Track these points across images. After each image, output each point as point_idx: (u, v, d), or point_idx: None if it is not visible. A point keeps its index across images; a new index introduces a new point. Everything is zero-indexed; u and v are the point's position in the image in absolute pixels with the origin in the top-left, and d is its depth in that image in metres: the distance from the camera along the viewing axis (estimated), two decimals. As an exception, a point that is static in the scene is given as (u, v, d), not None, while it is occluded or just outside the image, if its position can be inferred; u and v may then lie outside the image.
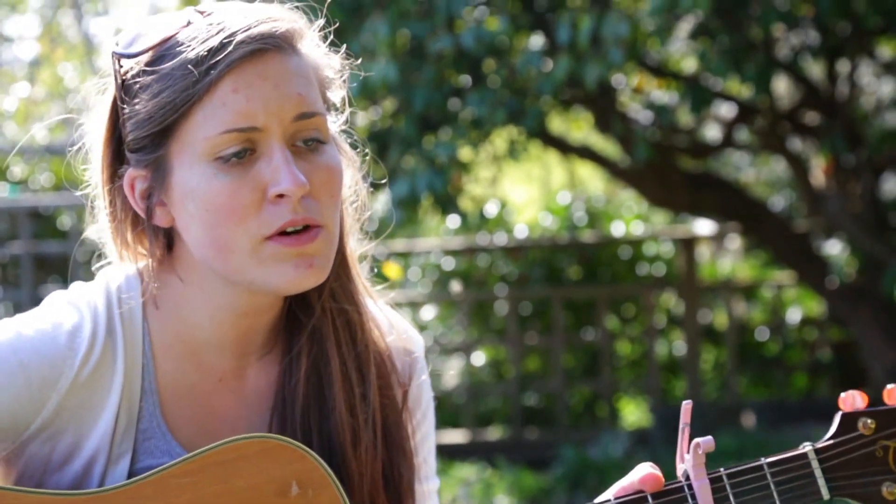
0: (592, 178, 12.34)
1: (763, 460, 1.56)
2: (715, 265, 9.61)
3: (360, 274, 1.64)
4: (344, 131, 1.63)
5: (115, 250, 1.59)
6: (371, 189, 1.69)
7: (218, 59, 1.46)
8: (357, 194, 1.64)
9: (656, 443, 7.57)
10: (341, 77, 1.59)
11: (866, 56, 6.85)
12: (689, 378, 8.14)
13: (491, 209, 8.10)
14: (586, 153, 7.32)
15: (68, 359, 1.50)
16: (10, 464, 1.52)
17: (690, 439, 1.57)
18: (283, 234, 1.47)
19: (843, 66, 6.80)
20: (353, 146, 1.65)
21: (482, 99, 5.67)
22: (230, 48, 1.46)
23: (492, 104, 5.66)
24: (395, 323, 1.67)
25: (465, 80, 5.92)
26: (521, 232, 8.87)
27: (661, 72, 6.83)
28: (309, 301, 1.59)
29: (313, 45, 1.55)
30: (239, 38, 1.46)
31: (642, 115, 6.86)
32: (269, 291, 1.50)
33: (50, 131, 10.83)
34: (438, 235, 9.39)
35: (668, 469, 1.62)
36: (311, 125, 1.49)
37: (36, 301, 8.18)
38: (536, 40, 5.98)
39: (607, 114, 6.49)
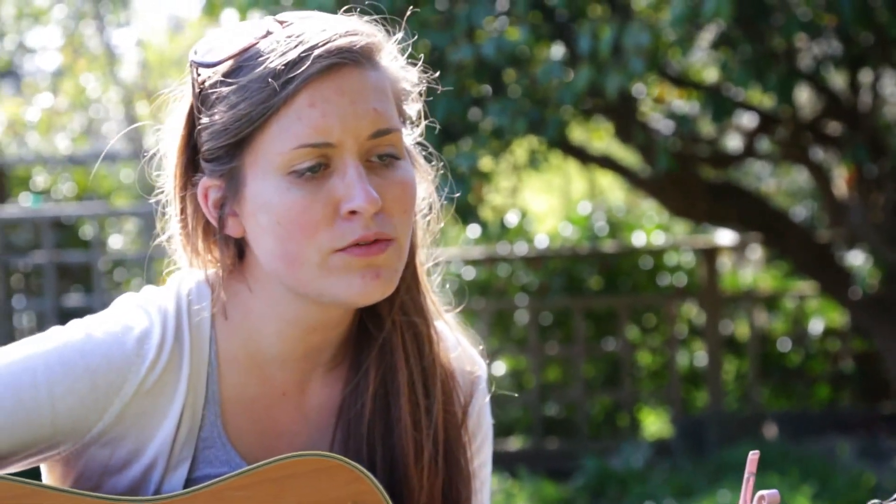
0: (613, 188, 12.32)
1: None
2: (736, 275, 9.58)
3: (430, 289, 1.64)
4: (419, 143, 1.62)
5: (185, 258, 1.59)
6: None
7: (296, 72, 1.45)
8: (430, 207, 1.63)
9: (677, 453, 7.54)
10: (417, 90, 1.59)
11: (889, 66, 6.81)
12: (711, 389, 8.10)
13: (511, 219, 8.09)
14: (607, 163, 7.31)
15: (135, 365, 1.49)
16: (69, 465, 1.52)
17: (755, 490, 1.51)
18: (353, 245, 1.47)
19: (865, 75, 6.77)
20: (428, 159, 1.64)
21: (503, 109, 5.67)
22: (308, 62, 1.45)
23: (512, 114, 5.66)
24: (460, 341, 1.67)
25: (486, 90, 5.92)
26: (541, 242, 8.86)
27: (683, 81, 6.81)
28: (379, 314, 1.58)
29: (391, 58, 1.54)
30: (317, 51, 1.45)
31: (663, 125, 6.85)
32: (336, 303, 1.50)
33: (72, 141, 10.89)
34: (458, 245, 9.40)
35: (688, 479, 1.60)
36: (386, 142, 1.49)
37: (59, 310, 8.25)
38: (557, 50, 5.97)
39: (628, 123, 6.48)
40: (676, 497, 6.39)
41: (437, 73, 1.66)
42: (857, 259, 8.56)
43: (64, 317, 7.65)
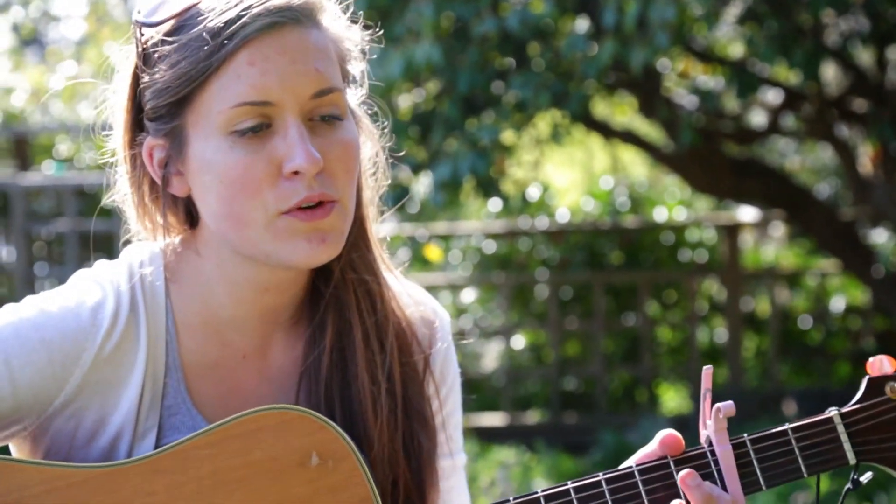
0: (635, 163, 12.28)
1: (787, 426, 1.55)
2: (758, 252, 9.54)
3: (379, 246, 1.64)
4: (365, 101, 1.62)
5: (136, 219, 1.60)
6: (412, 171, 1.69)
7: (234, 30, 1.45)
8: (376, 166, 1.63)
9: (696, 429, 7.53)
10: (361, 49, 1.58)
11: (917, 43, 6.75)
12: (731, 365, 8.09)
13: (533, 193, 8.08)
14: (630, 138, 7.28)
15: (91, 335, 1.51)
16: (36, 440, 1.54)
17: (712, 404, 1.55)
18: (297, 209, 1.47)
19: (893, 52, 6.71)
20: (374, 118, 1.64)
21: (526, 82, 5.65)
22: (247, 19, 1.45)
23: (536, 87, 5.63)
24: (414, 295, 1.67)
25: (510, 62, 5.90)
26: (562, 216, 8.84)
27: (708, 57, 6.77)
28: (330, 271, 1.59)
29: (333, 17, 1.54)
30: (256, 9, 1.46)
31: (687, 101, 6.81)
32: (283, 265, 1.51)
33: (95, 110, 10.91)
34: (480, 218, 9.38)
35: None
36: (328, 101, 1.49)
37: (80, 278, 8.27)
38: (582, 23, 5.94)
39: (652, 98, 6.45)
40: (694, 473, 6.39)
41: (462, 46, 1.65)
42: (880, 237, 8.52)
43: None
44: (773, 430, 1.54)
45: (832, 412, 1.55)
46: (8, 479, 1.44)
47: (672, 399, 8.68)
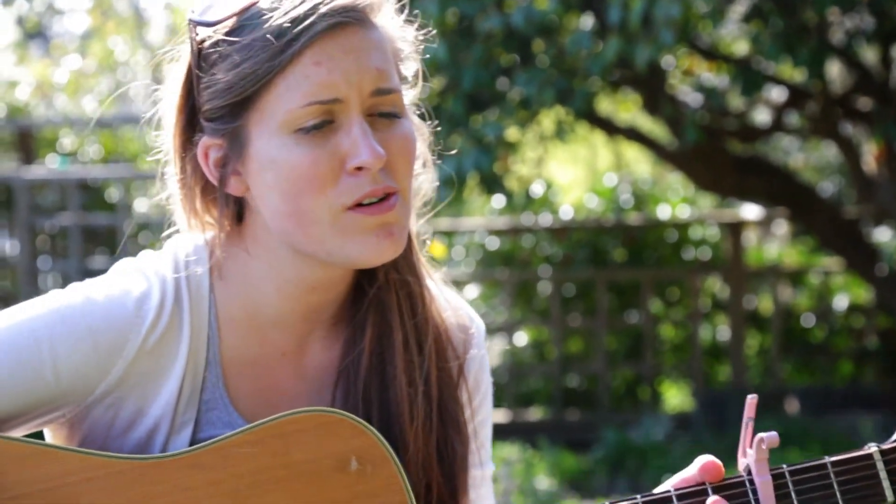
0: (639, 160, 12.27)
1: (827, 459, 1.54)
2: (761, 250, 9.54)
3: (420, 247, 1.64)
4: (415, 103, 1.63)
5: (183, 219, 1.59)
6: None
7: (300, 30, 1.45)
8: (424, 165, 1.64)
9: (698, 427, 7.54)
10: (415, 50, 1.59)
11: (922, 41, 6.75)
12: (733, 363, 8.09)
13: (537, 189, 8.08)
14: (634, 135, 7.28)
15: (135, 326, 1.50)
16: (74, 427, 1.54)
17: (754, 433, 1.54)
18: (361, 205, 1.48)
19: (897, 51, 6.71)
20: (423, 118, 1.65)
21: (531, 79, 5.64)
22: (313, 19, 1.46)
23: (540, 84, 5.63)
24: (451, 300, 1.67)
25: (514, 59, 5.90)
26: (566, 213, 8.84)
27: (713, 54, 6.77)
28: (374, 272, 1.58)
29: (389, 17, 1.55)
30: (322, 10, 1.46)
31: (692, 98, 6.81)
32: (348, 263, 1.50)
33: (100, 104, 10.92)
34: (483, 215, 9.38)
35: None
36: (388, 101, 1.50)
37: (84, 272, 8.29)
38: (586, 20, 5.94)
39: (656, 96, 6.44)
40: (696, 471, 6.39)
41: (466, 42, 1.65)
42: (884, 236, 8.51)
43: (89, 278, 7.66)
44: (812, 463, 1.53)
45: (872, 448, 1.54)
46: (48, 465, 1.45)
47: (674, 396, 8.68)
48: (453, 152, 5.75)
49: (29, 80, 10.53)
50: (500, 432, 7.63)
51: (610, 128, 7.21)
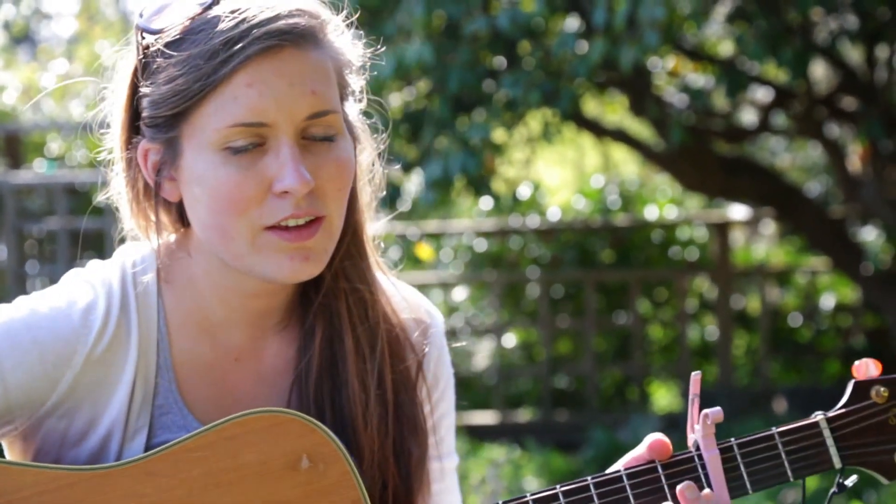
0: (626, 162, 12.29)
1: (774, 430, 1.55)
2: (749, 250, 9.57)
3: (374, 251, 1.64)
4: (365, 112, 1.63)
5: (129, 217, 1.60)
6: (403, 170, 1.70)
7: (234, 51, 1.46)
8: (373, 172, 1.64)
9: (686, 427, 7.55)
10: (362, 64, 1.59)
11: (905, 41, 6.77)
12: (721, 363, 8.11)
13: (524, 191, 8.09)
14: (620, 136, 7.29)
15: (82, 336, 1.51)
16: (27, 440, 1.54)
17: (700, 409, 1.56)
18: (282, 227, 1.48)
19: (882, 50, 6.73)
20: (374, 128, 1.65)
21: (517, 81, 5.66)
22: (248, 41, 1.46)
23: (526, 86, 5.65)
24: (408, 297, 1.68)
25: (500, 61, 5.91)
26: (553, 214, 8.86)
27: (698, 55, 6.79)
28: (321, 278, 1.59)
29: (336, 33, 1.55)
30: (259, 31, 1.46)
31: (677, 99, 6.83)
32: (265, 279, 1.52)
33: (87, 108, 10.90)
34: (471, 217, 9.39)
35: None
36: (323, 122, 1.50)
37: (71, 276, 8.24)
38: (572, 22, 5.96)
39: (642, 97, 6.46)
40: (685, 470, 6.40)
41: (452, 45, 1.66)
42: (870, 235, 8.54)
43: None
44: (760, 434, 1.55)
45: (818, 416, 1.56)
46: (1, 481, 1.45)
47: (663, 397, 8.70)
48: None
49: (16, 85, 10.51)
50: (489, 433, 7.64)
51: (597, 129, 7.22)
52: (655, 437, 1.56)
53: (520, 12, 5.58)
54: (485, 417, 7.96)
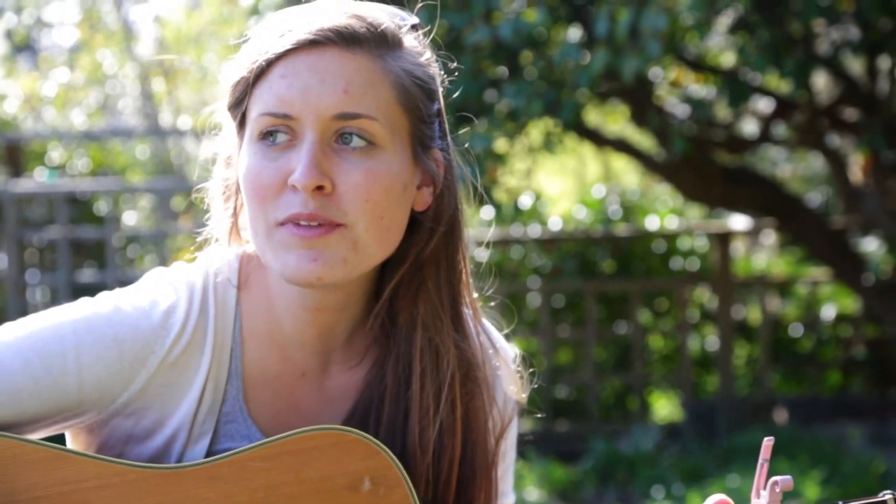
0: (627, 172, 12.30)
1: (841, 503, 1.53)
2: (749, 261, 9.56)
3: (467, 302, 1.63)
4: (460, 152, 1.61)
5: (225, 226, 1.61)
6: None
7: (279, 42, 1.49)
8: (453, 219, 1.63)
9: (687, 438, 7.55)
10: (437, 88, 1.58)
11: (907, 52, 6.78)
12: (722, 373, 8.10)
13: (525, 201, 8.09)
14: (622, 146, 7.30)
15: (160, 338, 1.52)
16: (94, 433, 1.55)
17: (768, 475, 1.53)
18: (294, 223, 1.48)
19: (883, 62, 6.74)
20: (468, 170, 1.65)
21: (519, 91, 5.66)
22: (293, 34, 1.49)
23: (528, 96, 5.65)
24: (491, 338, 1.68)
25: (502, 71, 5.92)
26: (555, 224, 8.86)
27: (700, 66, 6.79)
28: (397, 322, 1.58)
29: (404, 50, 1.55)
30: (305, 27, 1.49)
31: (679, 109, 6.83)
32: (281, 277, 1.51)
33: (88, 117, 10.91)
34: (472, 227, 9.39)
35: (698, 463, 1.60)
36: (356, 126, 1.48)
37: (72, 285, 8.26)
38: (574, 32, 5.96)
39: (644, 107, 6.47)
40: (686, 481, 6.40)
41: (454, 55, 1.66)
42: (870, 246, 8.54)
43: (77, 292, 7.68)
44: None
45: (887, 496, 1.54)
46: (64, 469, 1.46)
47: (663, 407, 8.69)
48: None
49: (17, 94, 10.52)
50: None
51: (598, 139, 7.23)
52: (719, 498, 1.53)
53: (522, 22, 5.58)
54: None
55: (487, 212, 7.49)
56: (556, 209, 10.16)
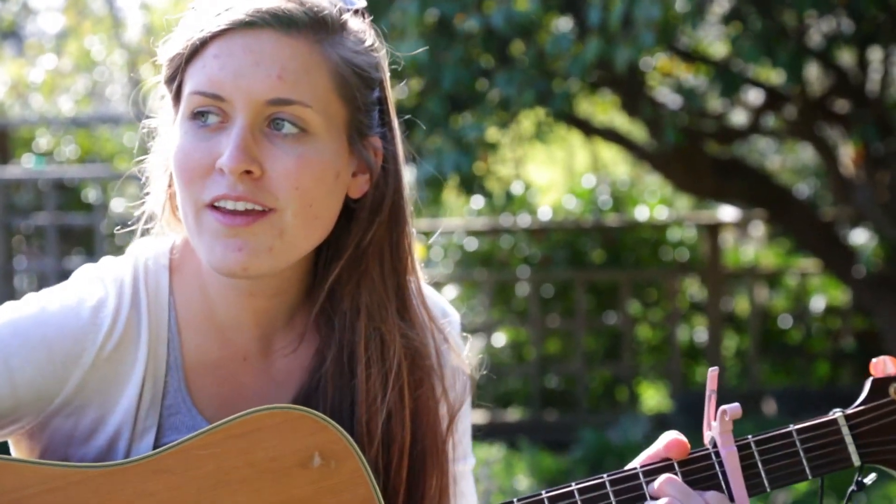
0: (617, 162, 12.30)
1: (792, 427, 1.54)
2: (739, 252, 9.57)
3: (414, 292, 1.59)
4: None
5: (165, 211, 1.59)
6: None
7: (214, 21, 1.46)
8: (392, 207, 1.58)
9: (676, 427, 7.49)
10: (378, 76, 1.54)
11: (899, 44, 6.78)
12: (710, 364, 8.11)
13: (516, 190, 8.08)
14: (612, 136, 7.29)
15: (91, 334, 1.49)
16: (34, 438, 1.52)
17: (717, 406, 1.55)
18: (222, 209, 1.45)
19: (875, 54, 6.74)
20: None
21: (510, 79, 5.64)
22: (226, 14, 1.46)
23: (520, 85, 5.63)
24: (428, 297, 1.63)
25: (494, 60, 5.89)
26: (544, 214, 8.85)
27: (692, 56, 6.78)
28: (339, 309, 1.55)
29: (346, 37, 1.51)
30: (242, 6, 1.46)
31: (671, 99, 6.82)
32: (207, 265, 1.49)
33: (76, 103, 10.86)
34: (462, 215, 9.38)
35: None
36: (289, 112, 1.45)
37: (60, 272, 8.22)
38: (566, 22, 5.94)
39: (636, 97, 6.45)
40: (675, 471, 6.40)
41: (446, 42, 1.63)
42: (860, 238, 8.55)
43: (65, 279, 7.62)
44: (778, 432, 1.53)
45: (837, 413, 1.54)
46: (5, 478, 1.43)
47: (652, 397, 8.70)
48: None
49: (4, 80, 10.47)
50: (479, 433, 7.61)
51: (588, 128, 7.21)
52: (672, 436, 1.54)
53: (514, 11, 5.56)
54: (475, 416, 7.92)
55: (477, 200, 7.49)
56: (546, 199, 10.16)
